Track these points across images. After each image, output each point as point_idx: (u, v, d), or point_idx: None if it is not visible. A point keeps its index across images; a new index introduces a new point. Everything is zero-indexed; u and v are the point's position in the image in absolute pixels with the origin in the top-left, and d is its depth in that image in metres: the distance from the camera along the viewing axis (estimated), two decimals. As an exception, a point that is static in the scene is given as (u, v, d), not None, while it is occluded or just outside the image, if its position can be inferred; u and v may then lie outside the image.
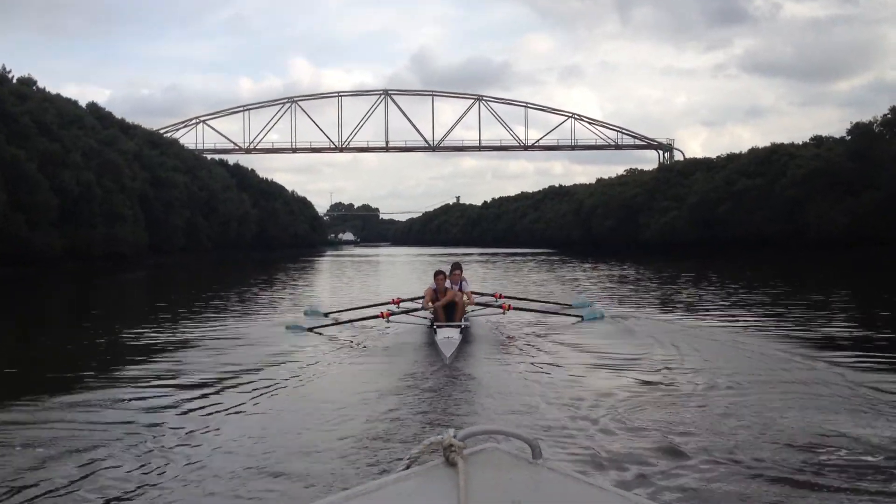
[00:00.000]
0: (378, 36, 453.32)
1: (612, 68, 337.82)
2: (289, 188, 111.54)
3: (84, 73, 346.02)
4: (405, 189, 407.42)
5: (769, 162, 53.36)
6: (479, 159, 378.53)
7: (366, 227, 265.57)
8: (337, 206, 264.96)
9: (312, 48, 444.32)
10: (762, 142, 62.71)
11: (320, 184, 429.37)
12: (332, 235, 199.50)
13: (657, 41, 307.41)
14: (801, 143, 55.89)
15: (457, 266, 12.29)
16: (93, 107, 62.02)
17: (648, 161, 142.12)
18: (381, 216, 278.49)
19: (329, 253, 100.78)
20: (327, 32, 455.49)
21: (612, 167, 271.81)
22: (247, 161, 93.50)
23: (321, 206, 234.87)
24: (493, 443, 1.76)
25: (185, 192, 63.52)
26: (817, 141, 54.37)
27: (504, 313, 12.21)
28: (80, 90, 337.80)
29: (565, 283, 26.84)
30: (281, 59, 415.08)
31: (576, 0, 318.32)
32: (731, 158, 62.53)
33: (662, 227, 65.34)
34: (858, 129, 46.46)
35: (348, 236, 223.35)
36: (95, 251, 46.57)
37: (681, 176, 68.60)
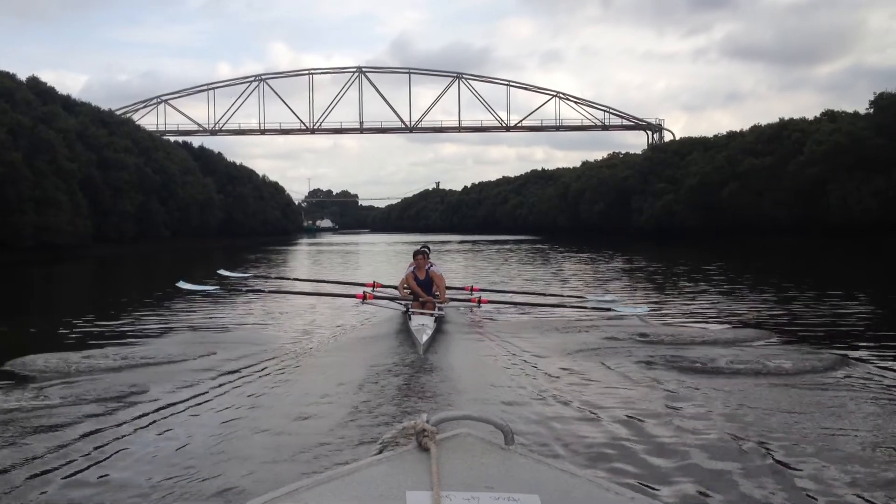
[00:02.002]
0: (357, 20, 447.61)
1: (592, 53, 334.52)
2: (269, 175, 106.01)
3: (60, 59, 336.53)
4: (385, 175, 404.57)
5: (778, 139, 48.27)
6: (460, 145, 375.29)
7: (345, 213, 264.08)
8: (315, 193, 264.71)
9: (291, 32, 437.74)
10: (742, 126, 58.22)
11: (300, 170, 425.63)
12: (310, 222, 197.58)
13: (638, 25, 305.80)
14: (811, 118, 50.83)
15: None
16: (32, 81, 56.08)
17: (634, 146, 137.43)
18: (360, 202, 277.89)
19: (302, 241, 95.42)
20: (306, 16, 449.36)
21: (595, 152, 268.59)
22: (222, 146, 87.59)
23: (300, 192, 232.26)
24: (466, 428, 1.77)
25: (136, 175, 57.80)
26: (829, 115, 49.48)
27: (478, 306, 11.73)
28: (57, 76, 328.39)
29: (581, 279, 21.93)
30: (259, 44, 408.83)
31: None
32: (732, 136, 57.55)
33: (658, 212, 60.46)
34: (884, 101, 41.54)
35: (326, 223, 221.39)
36: (23, 241, 41.00)
37: (676, 156, 63.60)
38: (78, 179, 48.29)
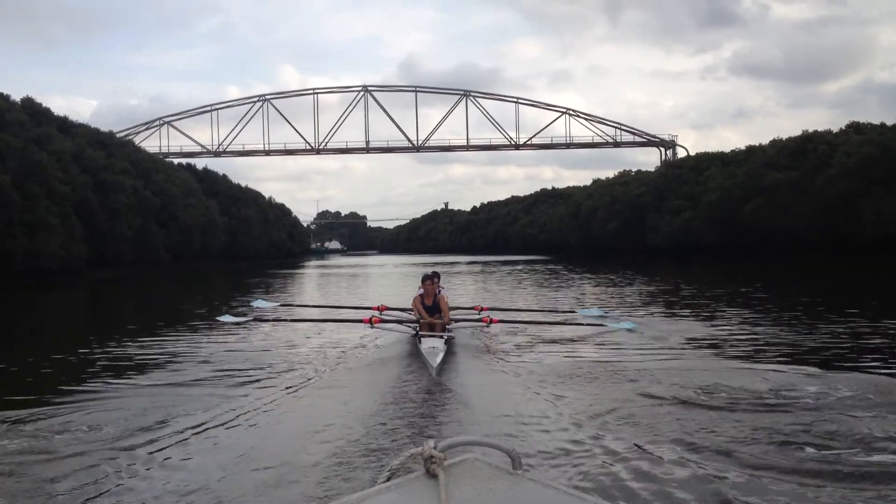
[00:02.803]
0: (365, 42, 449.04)
1: (601, 72, 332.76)
2: (278, 197, 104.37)
3: (69, 85, 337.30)
4: (394, 196, 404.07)
5: (803, 153, 45.93)
6: (469, 165, 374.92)
7: (353, 235, 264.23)
8: (324, 214, 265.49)
9: (299, 55, 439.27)
10: (751, 143, 56.58)
11: (309, 192, 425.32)
12: (318, 244, 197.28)
13: (646, 44, 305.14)
14: (836, 130, 48.47)
15: (433, 275, 11.21)
16: (27, 102, 54.66)
17: (644, 164, 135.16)
18: (368, 224, 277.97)
19: (310, 263, 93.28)
20: (314, 39, 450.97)
21: (604, 171, 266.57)
22: (230, 169, 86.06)
23: (309, 214, 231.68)
24: (474, 454, 1.77)
25: (135, 197, 56.06)
26: (855, 127, 47.17)
27: (487, 326, 11.56)
28: (67, 102, 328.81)
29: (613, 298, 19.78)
30: (267, 67, 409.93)
31: (564, 4, 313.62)
32: (752, 151, 55.26)
33: (675, 230, 58.11)
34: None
35: (335, 245, 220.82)
36: (13, 266, 39.14)
37: (693, 172, 61.32)
38: (72, 202, 46.61)
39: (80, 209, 47.54)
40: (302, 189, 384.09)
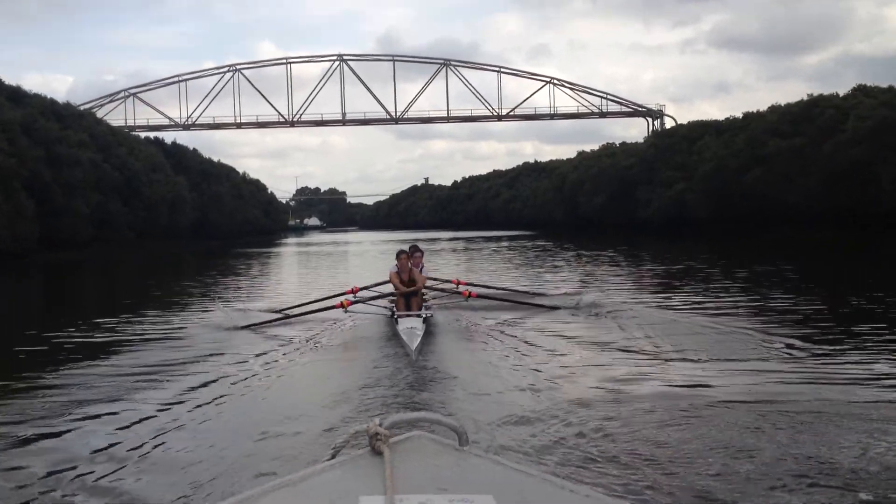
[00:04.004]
0: (344, 18, 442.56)
1: (580, 46, 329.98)
2: (257, 174, 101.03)
3: (45, 62, 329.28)
4: (374, 173, 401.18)
5: (808, 118, 42.94)
6: (449, 140, 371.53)
7: (333, 211, 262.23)
8: (303, 191, 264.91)
9: (278, 32, 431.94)
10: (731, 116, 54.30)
11: (289, 169, 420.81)
12: (297, 221, 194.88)
13: (626, 17, 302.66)
14: (842, 94, 45.29)
15: (416, 249, 11.21)
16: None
17: (628, 139, 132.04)
18: (348, 200, 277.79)
19: (288, 241, 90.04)
20: (293, 15, 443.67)
21: (586, 146, 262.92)
22: (208, 145, 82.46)
23: (288, 191, 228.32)
24: (420, 430, 1.76)
25: (93, 172, 52.31)
26: (863, 90, 44.18)
27: (466, 300, 11.25)
28: (43, 79, 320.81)
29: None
30: (246, 44, 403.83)
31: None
32: (749, 118, 52.24)
33: (667, 203, 55.18)
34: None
35: (314, 221, 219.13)
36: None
37: (685, 141, 58.29)
38: (22, 177, 42.91)
39: (30, 185, 43.89)
40: (281, 166, 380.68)
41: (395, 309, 10.22)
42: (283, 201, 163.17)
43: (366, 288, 12.20)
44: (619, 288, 16.59)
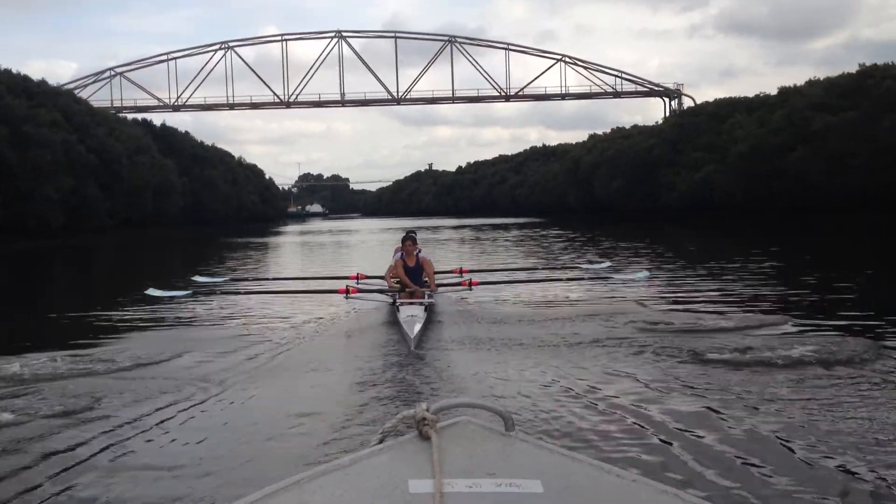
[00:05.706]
0: (350, 3, 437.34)
1: (586, 31, 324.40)
2: (260, 161, 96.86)
3: (50, 48, 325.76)
4: (379, 159, 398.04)
5: (861, 90, 38.14)
6: (454, 126, 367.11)
7: (336, 198, 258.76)
8: (306, 177, 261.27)
9: (283, 16, 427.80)
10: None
11: (294, 155, 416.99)
12: (299, 207, 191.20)
13: (633, 2, 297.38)
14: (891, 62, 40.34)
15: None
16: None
17: (639, 123, 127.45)
18: (352, 186, 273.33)
19: (283, 228, 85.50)
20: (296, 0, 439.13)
21: (594, 131, 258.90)
22: (213, 131, 77.73)
23: (291, 177, 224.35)
24: (466, 416, 1.76)
25: (66, 154, 47.72)
26: (923, 58, 39.44)
27: (469, 290, 10.71)
28: (48, 65, 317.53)
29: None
30: (251, 29, 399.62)
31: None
32: (786, 93, 47.36)
33: (695, 187, 50.36)
34: None
35: (316, 208, 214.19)
36: None
37: (713, 120, 53.46)
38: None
39: (-8, 167, 39.49)
40: (285, 152, 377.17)
41: (397, 297, 10.00)
42: (286, 188, 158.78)
43: (369, 278, 11.99)
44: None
